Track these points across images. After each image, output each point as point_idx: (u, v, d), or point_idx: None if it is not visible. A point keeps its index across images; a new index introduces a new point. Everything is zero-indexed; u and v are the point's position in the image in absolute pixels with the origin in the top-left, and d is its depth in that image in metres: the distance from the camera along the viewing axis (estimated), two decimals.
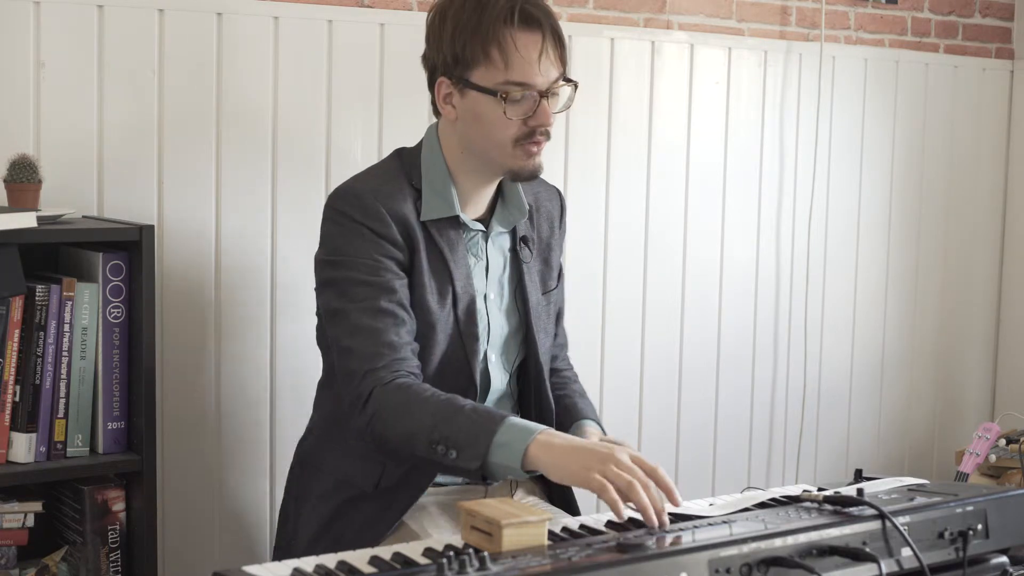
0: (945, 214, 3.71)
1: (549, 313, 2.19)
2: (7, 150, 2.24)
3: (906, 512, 1.63)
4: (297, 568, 1.42)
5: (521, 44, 1.95)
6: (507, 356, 2.13)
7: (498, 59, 1.95)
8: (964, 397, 3.84)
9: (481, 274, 2.10)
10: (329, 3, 2.62)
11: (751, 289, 3.32)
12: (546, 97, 1.98)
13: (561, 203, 2.26)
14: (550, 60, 1.98)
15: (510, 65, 1.95)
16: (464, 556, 1.36)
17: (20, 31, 2.31)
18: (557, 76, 1.99)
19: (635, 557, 1.40)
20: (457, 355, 2.04)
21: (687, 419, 3.23)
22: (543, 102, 1.98)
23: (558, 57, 1.99)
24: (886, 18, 3.50)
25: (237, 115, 2.52)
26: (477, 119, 1.99)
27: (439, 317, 2.02)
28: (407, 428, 1.86)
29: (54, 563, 2.22)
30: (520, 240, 2.14)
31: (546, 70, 1.97)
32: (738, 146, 3.25)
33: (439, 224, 2.04)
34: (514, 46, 1.94)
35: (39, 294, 2.12)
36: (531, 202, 2.17)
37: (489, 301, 2.10)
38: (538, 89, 1.97)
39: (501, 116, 1.96)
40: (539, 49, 1.96)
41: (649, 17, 3.08)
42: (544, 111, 1.98)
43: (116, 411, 2.19)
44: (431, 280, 2.02)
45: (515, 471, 1.77)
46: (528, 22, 1.95)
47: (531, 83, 1.96)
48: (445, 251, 2.03)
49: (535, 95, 1.97)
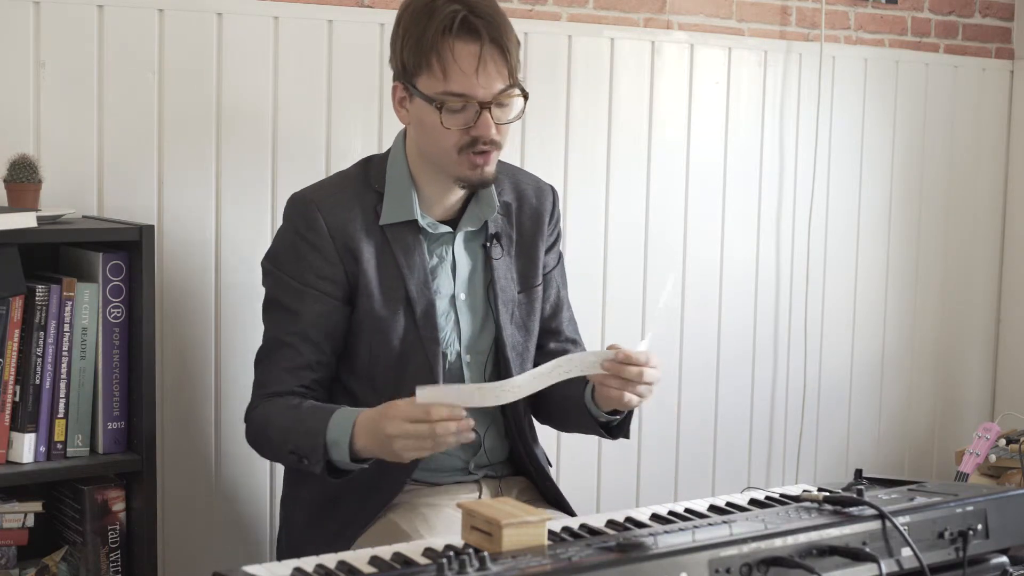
0: (945, 214, 3.71)
1: (531, 311, 2.19)
2: (7, 150, 2.23)
3: (906, 512, 1.63)
4: (297, 568, 1.42)
5: (459, 54, 1.95)
6: (482, 355, 2.14)
7: (437, 69, 1.96)
8: (964, 397, 3.84)
9: (448, 275, 2.11)
10: (329, 3, 2.62)
11: (751, 289, 3.32)
12: (488, 108, 1.97)
13: (553, 201, 2.25)
14: (491, 71, 1.96)
15: (448, 75, 1.95)
16: (464, 556, 1.36)
17: (20, 31, 2.31)
18: (503, 87, 1.98)
19: (635, 557, 1.40)
20: (416, 359, 2.06)
21: (687, 419, 3.23)
22: (484, 113, 1.97)
23: (503, 67, 1.97)
24: (886, 18, 3.50)
25: (237, 115, 2.52)
26: (422, 125, 2.02)
27: (390, 324, 2.05)
28: (271, 445, 2.03)
29: (54, 563, 2.22)
30: (492, 237, 2.14)
31: (486, 81, 1.96)
32: (738, 146, 3.25)
33: (397, 229, 2.06)
34: (451, 56, 1.95)
35: (39, 294, 2.12)
36: (512, 199, 2.18)
37: (460, 302, 2.12)
38: (478, 100, 1.96)
39: (439, 125, 1.97)
40: (477, 60, 1.95)
41: (649, 17, 3.08)
42: (485, 122, 1.97)
43: (116, 411, 2.19)
44: (379, 289, 2.05)
45: (360, 466, 1.88)
46: (467, 32, 1.94)
47: (469, 94, 1.96)
48: (400, 257, 2.05)
49: (476, 106, 1.96)
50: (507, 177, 2.21)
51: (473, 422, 1.80)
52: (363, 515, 2.06)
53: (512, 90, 2.00)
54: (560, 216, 2.29)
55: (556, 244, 2.27)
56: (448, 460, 2.14)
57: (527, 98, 2.03)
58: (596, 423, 2.10)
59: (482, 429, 2.13)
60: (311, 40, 2.60)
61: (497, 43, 1.96)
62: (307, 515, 2.13)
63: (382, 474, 2.02)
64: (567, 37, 2.94)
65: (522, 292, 2.17)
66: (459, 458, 2.14)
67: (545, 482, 2.19)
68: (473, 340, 2.13)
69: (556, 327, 2.27)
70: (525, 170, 2.33)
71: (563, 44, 2.94)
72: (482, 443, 2.15)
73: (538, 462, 2.19)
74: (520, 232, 2.18)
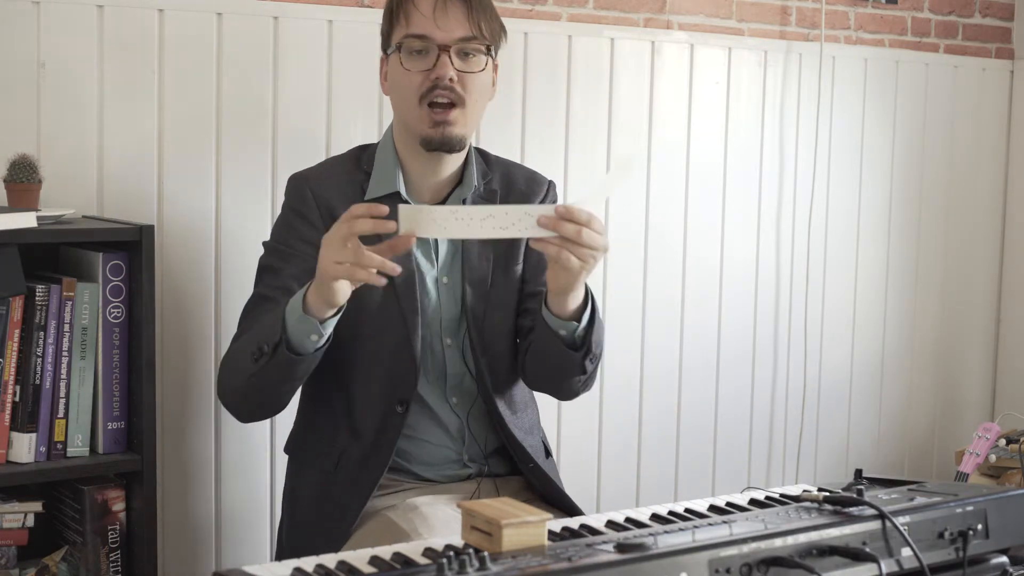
0: (945, 214, 3.71)
1: (511, 290, 2.18)
2: (7, 150, 2.24)
3: (906, 512, 1.63)
4: (297, 568, 1.42)
5: (420, 1, 2.05)
6: (460, 339, 2.15)
7: (401, 17, 2.07)
8: (964, 397, 3.84)
9: (430, 257, 2.14)
10: (329, 3, 2.62)
11: (751, 289, 3.32)
12: (448, 52, 2.04)
13: (547, 191, 2.27)
14: (451, 16, 2.04)
15: (409, 20, 2.06)
16: (464, 556, 1.36)
17: (20, 31, 2.31)
18: (464, 35, 2.05)
19: (635, 557, 1.40)
20: (395, 329, 2.08)
21: (687, 419, 3.23)
22: (443, 55, 2.04)
23: (464, 17, 2.05)
24: (886, 18, 3.50)
25: (237, 115, 2.53)
26: (392, 83, 2.11)
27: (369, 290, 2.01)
28: (236, 367, 2.00)
29: (54, 563, 2.22)
30: None
31: (445, 24, 2.04)
32: (738, 146, 3.25)
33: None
34: (413, 4, 2.05)
35: (39, 294, 2.12)
36: (499, 187, 2.21)
37: (442, 285, 2.14)
38: (437, 42, 2.04)
39: (403, 71, 2.06)
40: (434, 4, 2.04)
41: (649, 17, 3.08)
42: (443, 63, 2.04)
43: (116, 411, 2.19)
44: None
45: (309, 323, 1.85)
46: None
47: (427, 35, 2.05)
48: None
49: (435, 49, 2.04)
50: (499, 169, 2.24)
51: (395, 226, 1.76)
52: (357, 499, 2.06)
53: (474, 41, 2.06)
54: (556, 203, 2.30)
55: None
56: (440, 451, 2.15)
57: (493, 58, 2.10)
58: (557, 339, 2.01)
59: (464, 412, 2.16)
60: (311, 40, 2.60)
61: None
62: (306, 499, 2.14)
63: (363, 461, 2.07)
64: (567, 37, 2.95)
65: (499, 275, 2.17)
66: (451, 448, 2.15)
67: (539, 477, 2.17)
68: (454, 324, 2.15)
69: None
70: (524, 166, 2.34)
71: (563, 44, 2.94)
72: (467, 427, 2.16)
73: (525, 453, 2.17)
74: None
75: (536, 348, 2.10)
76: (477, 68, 2.07)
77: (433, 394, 2.14)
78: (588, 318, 2.00)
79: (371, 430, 2.10)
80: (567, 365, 2.06)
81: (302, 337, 1.88)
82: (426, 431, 2.14)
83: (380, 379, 2.10)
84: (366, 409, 2.10)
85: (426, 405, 2.13)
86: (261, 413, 2.12)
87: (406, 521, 2.02)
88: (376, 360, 2.09)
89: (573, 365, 2.05)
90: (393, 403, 2.09)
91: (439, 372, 2.14)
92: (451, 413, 2.15)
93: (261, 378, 1.94)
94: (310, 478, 2.15)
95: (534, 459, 2.17)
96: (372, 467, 2.09)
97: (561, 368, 2.08)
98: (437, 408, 2.14)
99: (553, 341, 2.03)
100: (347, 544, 2.03)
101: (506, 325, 2.18)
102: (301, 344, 1.89)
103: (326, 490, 2.11)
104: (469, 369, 2.16)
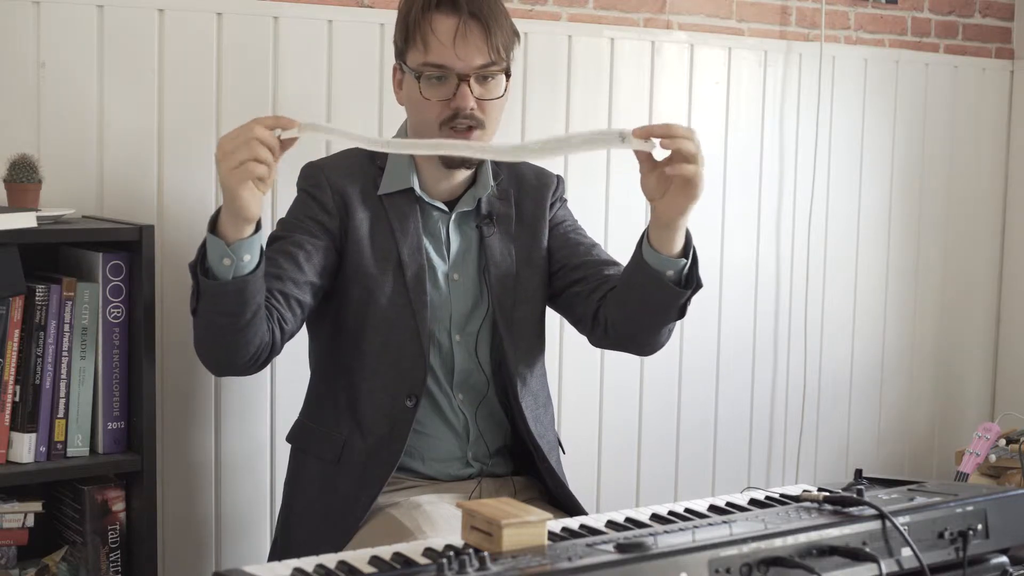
0: (945, 214, 3.71)
1: (536, 284, 2.19)
2: (7, 150, 2.23)
3: (906, 512, 1.63)
4: (297, 568, 1.42)
5: (438, 27, 2.03)
6: (472, 336, 2.15)
7: (419, 42, 2.05)
8: (964, 397, 3.84)
9: (442, 253, 2.14)
10: (329, 3, 2.62)
11: (751, 289, 3.32)
12: (467, 81, 2.03)
13: (557, 186, 2.28)
14: (470, 44, 2.03)
15: (428, 47, 2.04)
16: (464, 556, 1.36)
17: (20, 31, 2.31)
18: (483, 63, 2.04)
19: (635, 557, 1.40)
20: (404, 322, 2.09)
21: (687, 419, 3.23)
22: (463, 85, 2.03)
23: (483, 43, 2.04)
24: (886, 18, 3.50)
25: (237, 115, 2.52)
26: (410, 101, 2.11)
27: (379, 283, 2.09)
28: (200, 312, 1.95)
29: (54, 563, 2.22)
30: (485, 217, 2.17)
31: (465, 54, 2.03)
32: (738, 146, 3.25)
33: (394, 198, 2.13)
34: (431, 29, 2.04)
35: (39, 294, 2.12)
36: (511, 186, 2.22)
37: (453, 282, 2.14)
38: (456, 72, 2.03)
39: (422, 99, 2.06)
40: (455, 32, 2.02)
41: (649, 17, 3.08)
42: (463, 94, 2.04)
43: (116, 411, 2.19)
44: (370, 247, 2.09)
45: (217, 244, 1.82)
46: (448, 6, 2.04)
47: (447, 65, 2.03)
48: (394, 222, 2.11)
49: (455, 78, 2.03)
50: (506, 167, 2.24)
51: (296, 123, 1.80)
52: (362, 500, 2.06)
53: (493, 67, 2.06)
54: (564, 197, 2.31)
55: (561, 211, 2.28)
56: (445, 447, 2.15)
57: (509, 76, 2.09)
58: (661, 280, 1.97)
59: (471, 409, 2.16)
60: (311, 40, 2.60)
61: (477, 18, 2.03)
62: (308, 489, 2.14)
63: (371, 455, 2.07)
64: (567, 37, 2.95)
65: (523, 268, 2.18)
66: (455, 445, 2.15)
67: (552, 476, 2.17)
68: (463, 320, 2.15)
69: (605, 258, 2.23)
70: (527, 162, 2.34)
71: (563, 44, 2.94)
72: (476, 425, 2.16)
73: (542, 450, 2.17)
74: (520, 212, 2.21)
75: (630, 297, 2.06)
76: (497, 93, 2.08)
77: (439, 390, 2.14)
78: (693, 253, 2.01)
79: (379, 423, 2.10)
80: (670, 306, 2.04)
81: (216, 262, 1.85)
82: (431, 426, 2.15)
83: (386, 372, 2.10)
84: (371, 402, 2.10)
85: (433, 400, 2.14)
86: (226, 359, 1.99)
87: (410, 519, 2.02)
88: (383, 352, 2.10)
89: (675, 306, 2.04)
90: (402, 397, 2.09)
91: (446, 368, 2.14)
92: (457, 410, 2.15)
93: (204, 316, 1.91)
94: (312, 467, 2.15)
95: (551, 457, 2.19)
96: (381, 462, 2.08)
97: (665, 311, 2.05)
98: (443, 404, 2.15)
99: (657, 283, 1.99)
100: (351, 541, 2.03)
101: (535, 317, 2.21)
102: (217, 270, 1.85)
103: (330, 482, 2.11)
104: (480, 366, 2.16)
